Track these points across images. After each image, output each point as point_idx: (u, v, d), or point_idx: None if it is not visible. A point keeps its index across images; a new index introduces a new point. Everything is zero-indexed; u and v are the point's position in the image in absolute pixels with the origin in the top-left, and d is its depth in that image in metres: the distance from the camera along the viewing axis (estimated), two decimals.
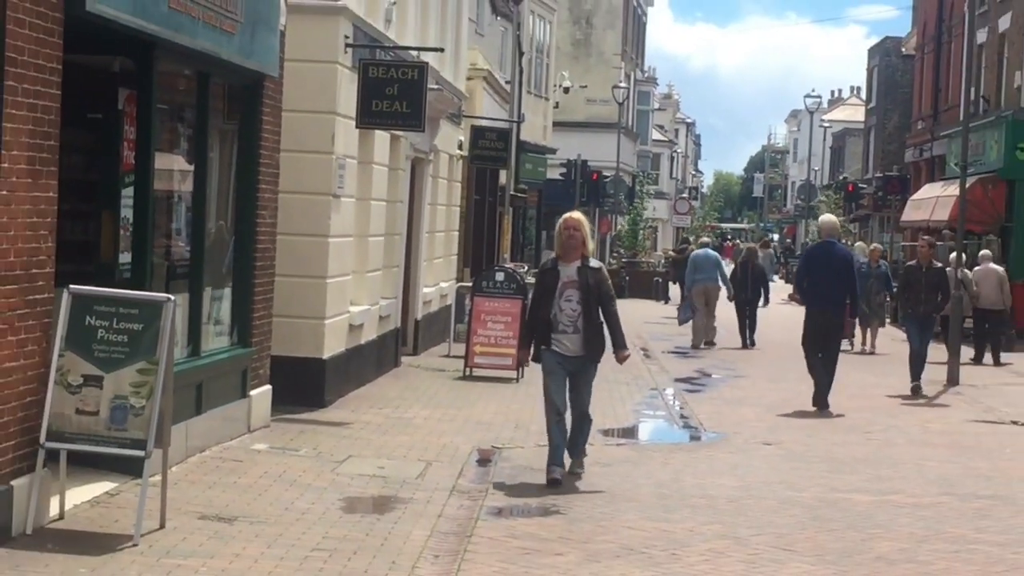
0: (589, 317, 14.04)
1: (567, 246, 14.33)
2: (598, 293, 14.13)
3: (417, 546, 10.93)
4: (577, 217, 14.71)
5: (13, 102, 10.01)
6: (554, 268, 14.51)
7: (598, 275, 14.40)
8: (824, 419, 19.88)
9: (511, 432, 17.41)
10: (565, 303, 14.05)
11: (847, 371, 27.51)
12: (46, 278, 10.84)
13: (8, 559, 9.71)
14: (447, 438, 16.53)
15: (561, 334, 14.13)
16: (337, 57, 18.57)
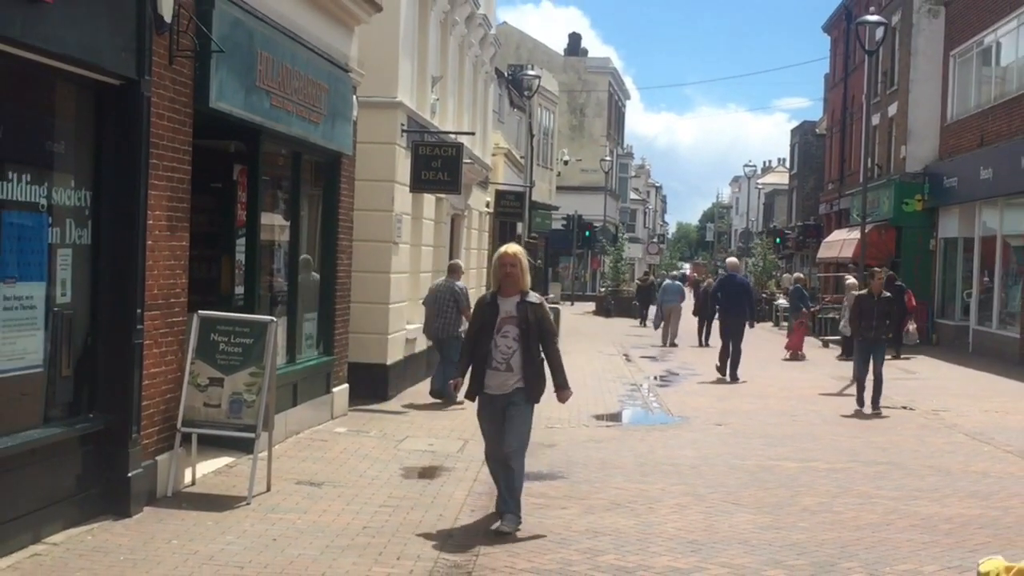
0: (528, 354, 10.12)
1: (505, 282, 10.42)
2: (538, 330, 10.22)
3: (458, 503, 10.99)
4: (514, 251, 10.59)
5: (156, 175, 10.08)
6: (493, 302, 10.44)
7: (538, 311, 10.33)
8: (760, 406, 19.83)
9: None
10: (502, 339, 10.17)
11: (780, 370, 27.56)
12: (181, 306, 10.91)
13: (155, 514, 9.82)
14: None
15: (493, 370, 10.19)
16: (395, 139, 18.61)
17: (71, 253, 9.36)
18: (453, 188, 20.88)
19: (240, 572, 8.24)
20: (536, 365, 10.20)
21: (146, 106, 9.78)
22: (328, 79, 14.61)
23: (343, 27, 15.71)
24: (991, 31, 33.27)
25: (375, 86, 17.64)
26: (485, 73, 30.38)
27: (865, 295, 19.86)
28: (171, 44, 10.21)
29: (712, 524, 10.58)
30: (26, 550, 8.43)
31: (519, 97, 39.85)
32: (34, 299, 8.85)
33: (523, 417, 10.21)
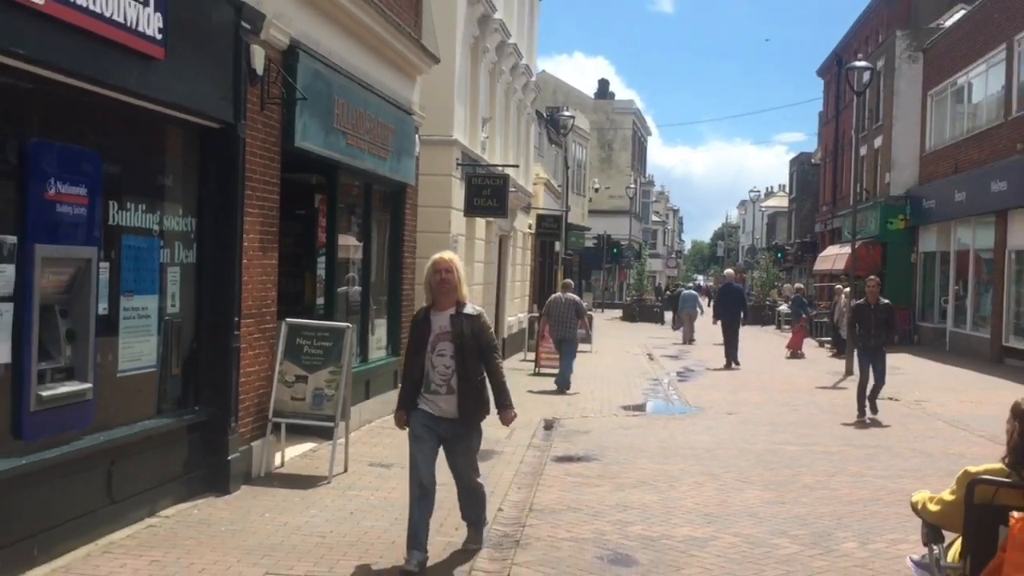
0: (465, 373, 7.88)
1: (439, 291, 8.02)
2: (476, 345, 7.95)
3: (507, 481, 10.97)
4: (448, 257, 8.26)
5: (249, 204, 10.16)
6: (425, 318, 8.10)
7: (476, 323, 8.03)
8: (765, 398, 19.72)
9: (565, 408, 17.36)
10: (438, 358, 7.90)
11: (782, 367, 27.39)
12: (271, 315, 10.98)
13: (250, 492, 9.86)
14: (524, 412, 16.33)
15: (434, 395, 7.92)
16: (451, 172, 18.69)
17: (179, 271, 9.45)
18: (501, 213, 20.94)
19: (323, 540, 8.28)
20: (475, 385, 7.85)
21: (242, 146, 9.88)
22: (395, 121, 14.70)
23: (407, 77, 15.81)
24: (963, 73, 33.18)
25: (434, 126, 17.74)
26: (527, 114, 30.45)
27: (862, 304, 17.64)
28: (262, 93, 10.31)
29: (725, 499, 10.53)
30: (143, 522, 8.52)
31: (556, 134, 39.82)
32: (149, 310, 8.94)
33: (469, 446, 8.06)
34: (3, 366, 6.97)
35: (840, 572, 8.00)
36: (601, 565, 8.05)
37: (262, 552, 7.86)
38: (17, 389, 7.08)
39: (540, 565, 7.96)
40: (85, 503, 7.80)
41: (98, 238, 7.91)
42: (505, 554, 8.18)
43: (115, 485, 8.19)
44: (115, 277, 8.33)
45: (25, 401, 7.12)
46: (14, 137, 7.14)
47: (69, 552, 7.52)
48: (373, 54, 13.91)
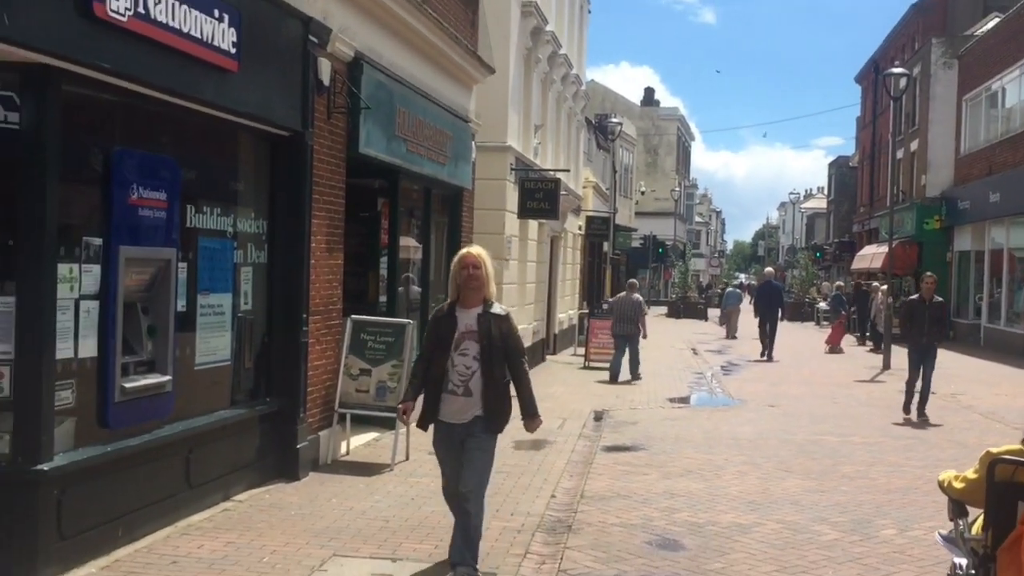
0: (490, 376, 7.05)
1: (466, 287, 7.19)
2: (503, 347, 7.13)
3: (559, 470, 10.94)
4: (477, 252, 7.36)
5: (317, 207, 10.23)
6: (451, 314, 7.24)
7: (504, 324, 7.20)
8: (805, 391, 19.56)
9: (614, 400, 17.33)
10: (460, 357, 7.09)
11: (822, 362, 27.15)
12: (337, 311, 11.05)
13: (317, 478, 9.93)
14: (575, 404, 16.51)
15: (449, 395, 7.10)
16: (506, 176, 18.71)
17: (251, 270, 9.53)
18: (552, 215, 20.93)
19: (386, 524, 8.32)
20: (499, 389, 7.01)
21: (310, 153, 9.95)
22: (452, 128, 14.74)
23: (464, 86, 15.84)
24: (997, 79, 32.73)
25: (489, 133, 17.76)
26: (577, 121, 30.39)
27: (916, 300, 16.35)
28: (329, 103, 10.37)
29: (768, 488, 10.46)
30: (218, 506, 8.61)
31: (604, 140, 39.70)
32: (223, 307, 9.02)
33: (482, 451, 7.04)
34: (90, 359, 7.07)
35: (880, 558, 7.92)
36: (650, 549, 8.03)
37: (329, 535, 7.92)
38: (103, 381, 7.18)
39: (591, 549, 7.96)
40: (165, 488, 7.89)
41: (177, 240, 8.00)
42: (558, 538, 8.19)
43: (193, 471, 8.29)
44: (192, 276, 8.42)
45: (110, 392, 7.22)
46: (99, 146, 7.25)
47: (151, 534, 7.63)
48: (432, 65, 13.95)
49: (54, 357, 6.62)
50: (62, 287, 6.72)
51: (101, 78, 6.82)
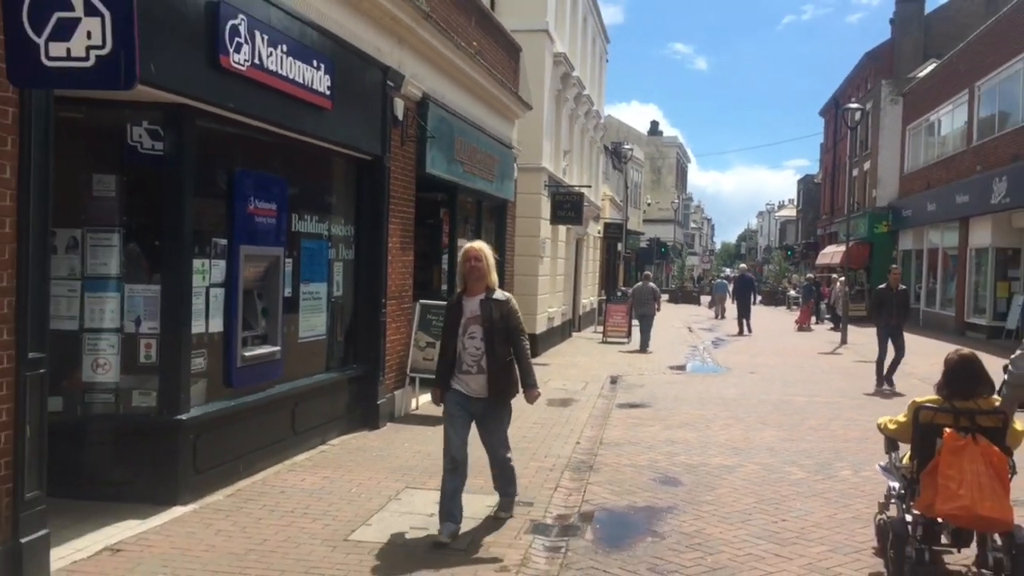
0: (494, 355, 6.45)
1: (470, 277, 6.62)
2: (505, 328, 6.51)
3: (582, 422, 10.92)
4: (479, 247, 6.76)
5: (393, 216, 10.27)
6: (458, 304, 6.68)
7: (504, 308, 6.58)
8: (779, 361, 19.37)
9: (626, 368, 17.26)
10: (469, 340, 6.50)
11: (792, 338, 26.86)
12: (409, 297, 11.09)
13: (393, 428, 9.98)
14: (595, 370, 16.47)
15: (465, 374, 6.50)
16: (541, 191, 18.67)
17: (342, 265, 9.58)
18: (577, 221, 20.86)
19: None
20: (504, 366, 6.35)
21: (387, 173, 9.99)
22: (498, 153, 14.73)
23: (508, 120, 15.83)
24: (935, 112, 32.21)
25: (528, 157, 17.73)
26: (597, 147, 30.25)
27: (884, 289, 15.49)
28: (402, 133, 10.40)
29: (748, 437, 10.38)
30: (316, 448, 8.69)
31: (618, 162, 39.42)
32: (320, 293, 9.08)
33: (498, 421, 6.59)
34: (217, 334, 7.16)
35: (838, 493, 7.85)
36: (655, 484, 8.00)
37: (403, 472, 7.96)
38: (227, 350, 7.26)
39: (608, 484, 7.95)
40: (275, 434, 7.98)
41: (284, 241, 8.07)
42: (582, 476, 8.18)
43: (297, 421, 8.37)
44: (296, 269, 8.48)
45: (233, 359, 7.30)
46: (224, 168, 7.32)
47: (264, 469, 7.71)
48: (482, 103, 13.95)
49: (190, 332, 6.71)
50: (196, 277, 6.80)
51: (226, 114, 6.88)
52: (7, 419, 4.79)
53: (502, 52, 15.38)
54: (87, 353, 6.53)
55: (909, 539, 5.37)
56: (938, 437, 5.29)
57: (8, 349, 4.77)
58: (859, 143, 41.62)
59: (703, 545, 6.24)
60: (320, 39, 8.09)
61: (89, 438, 6.50)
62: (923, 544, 5.37)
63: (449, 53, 11.57)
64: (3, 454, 4.78)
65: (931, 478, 5.25)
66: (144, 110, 6.45)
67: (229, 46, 6.52)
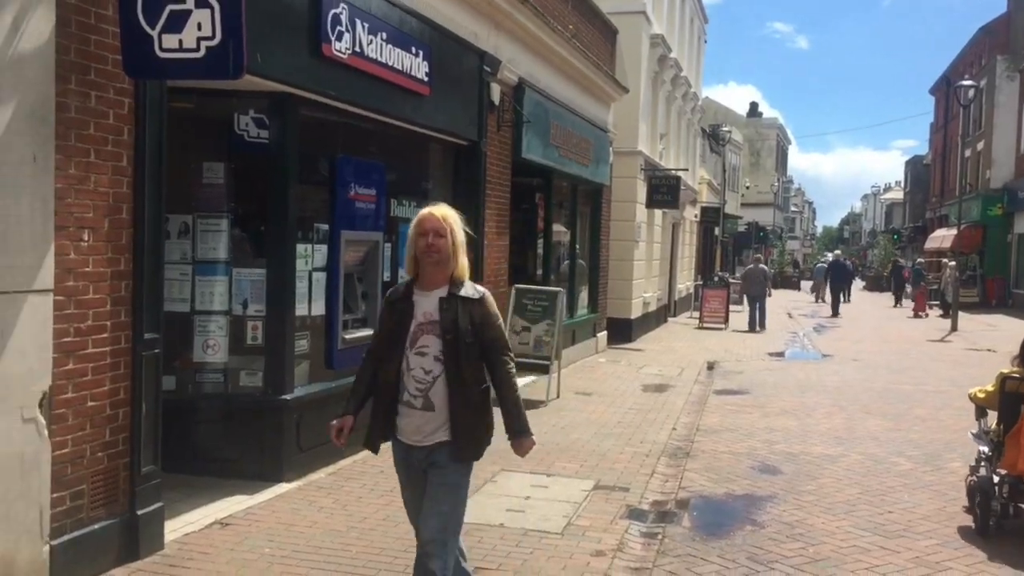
0: (457, 382, 3.71)
1: (426, 262, 3.77)
2: (476, 341, 3.76)
3: (678, 408, 10.82)
4: (440, 213, 3.81)
5: (489, 201, 10.33)
6: (406, 298, 3.82)
7: (478, 311, 3.78)
8: (884, 348, 18.76)
9: (723, 354, 17.00)
10: (416, 357, 3.73)
11: (897, 324, 26.01)
12: (504, 282, 11.14)
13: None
14: (691, 356, 16.29)
15: (406, 406, 3.79)
16: (636, 175, 18.49)
17: None
18: (674, 205, 20.60)
19: (542, 447, 8.32)
20: (471, 399, 3.85)
21: (483, 158, 10.05)
22: (594, 137, 14.65)
23: (603, 103, 15.72)
24: None
25: (623, 140, 17.57)
26: (694, 130, 29.78)
27: None
28: (498, 118, 10.45)
29: (851, 426, 10.11)
30: None
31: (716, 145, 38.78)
32: None
33: (449, 488, 3.86)
34: (320, 317, 7.33)
35: (948, 485, 7.58)
36: (754, 472, 7.88)
37: (498, 454, 7.85)
38: (329, 333, 7.43)
39: (706, 471, 7.86)
40: None
41: (383, 225, 8.20)
42: (678, 462, 8.11)
43: None
44: (395, 253, 8.56)
45: (335, 341, 7.47)
46: (326, 155, 7.49)
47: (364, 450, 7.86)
48: (578, 87, 13.88)
49: (294, 315, 6.89)
50: (299, 262, 6.97)
51: (327, 102, 7.02)
52: (125, 396, 5.02)
53: (598, 34, 15.26)
54: (198, 334, 6.79)
55: (995, 496, 6.08)
56: (1022, 404, 6.10)
57: (126, 330, 4.99)
58: (972, 122, 39.84)
59: (805, 535, 6.12)
60: (418, 26, 8.18)
61: (199, 416, 6.76)
62: (1008, 500, 6.07)
63: (545, 37, 11.54)
64: (121, 430, 5.02)
65: (1015, 440, 6.05)
66: (250, 99, 6.64)
67: (331, 35, 6.65)
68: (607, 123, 15.95)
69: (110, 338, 4.89)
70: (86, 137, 4.65)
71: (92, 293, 4.75)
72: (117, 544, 4.97)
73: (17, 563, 4.27)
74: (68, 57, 4.49)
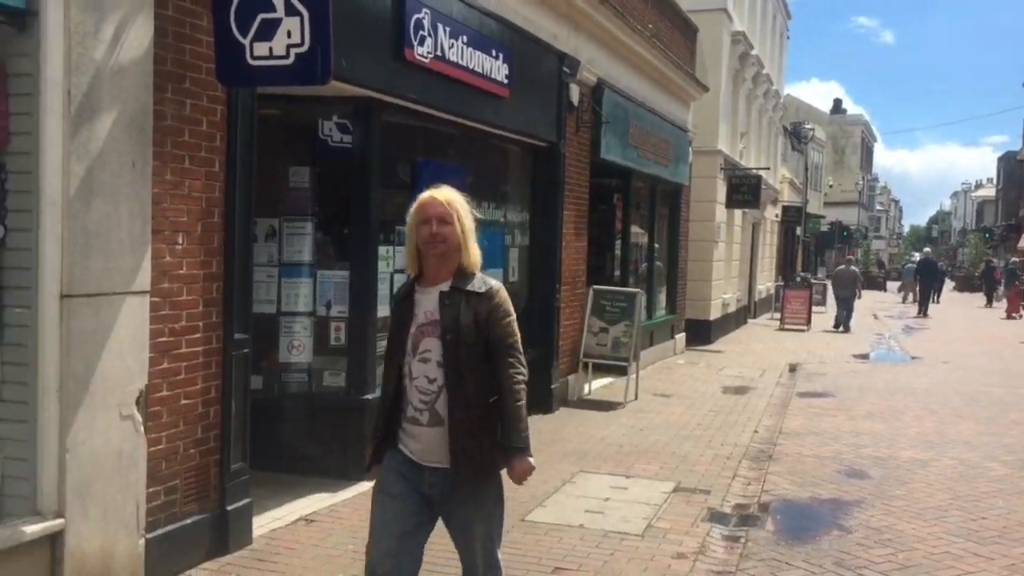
0: (458, 391, 3.13)
1: (428, 255, 3.23)
2: (481, 342, 3.17)
3: (760, 411, 10.66)
4: (444, 197, 3.22)
5: (567, 202, 10.32)
6: (408, 298, 3.30)
7: (484, 306, 3.20)
8: (975, 349, 18.14)
9: (806, 356, 16.66)
10: (419, 364, 3.19)
11: (989, 325, 25.12)
12: (582, 282, 11.11)
13: (566, 412, 10.08)
14: (772, 358, 16.02)
15: (411, 424, 3.22)
16: (716, 174, 18.27)
17: (517, 251, 9.74)
18: (754, 205, 20.27)
19: (620, 449, 8.35)
20: (474, 412, 3.24)
21: (562, 159, 10.05)
22: (673, 136, 14.52)
23: (683, 102, 15.57)
24: None
25: (703, 140, 17.37)
26: (775, 128, 29.26)
27: None
28: (577, 119, 10.44)
29: (942, 430, 9.82)
30: None
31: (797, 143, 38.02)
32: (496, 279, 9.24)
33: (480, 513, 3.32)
34: None
35: None
36: (840, 477, 7.71)
37: (576, 455, 8.04)
38: None
39: (789, 474, 7.73)
40: None
41: None
42: (761, 465, 7.99)
43: None
44: None
45: None
46: (406, 158, 7.59)
47: None
48: (658, 86, 13.78)
49: (376, 315, 6.98)
50: (381, 264, 7.07)
51: (409, 106, 7.11)
52: (215, 395, 5.18)
53: (678, 33, 15.13)
54: (283, 335, 6.96)
55: None
56: None
57: (217, 330, 5.16)
58: None
59: (894, 541, 5.97)
60: (499, 28, 8.24)
61: (285, 415, 6.92)
62: None
63: (625, 37, 11.50)
64: (212, 427, 5.18)
65: None
66: (334, 104, 6.78)
67: (414, 39, 6.75)
68: (687, 122, 15.80)
69: (202, 338, 5.05)
70: (181, 144, 4.82)
71: (186, 295, 4.92)
72: (208, 538, 5.13)
73: (115, 555, 4.45)
74: (165, 67, 4.66)
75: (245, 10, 4.59)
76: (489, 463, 3.32)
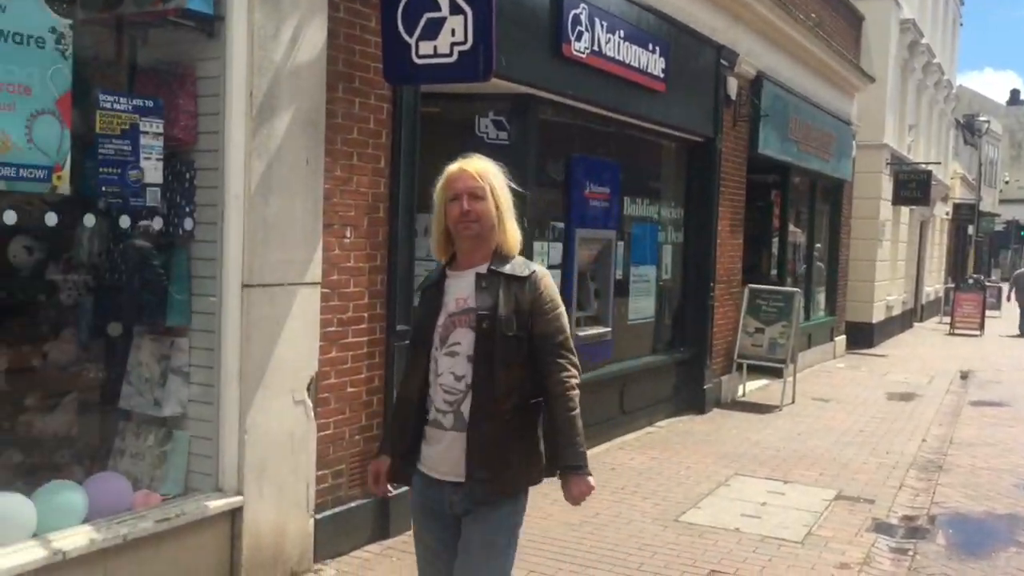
0: (488, 388, 2.58)
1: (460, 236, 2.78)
2: (522, 333, 2.63)
3: (928, 419, 10.17)
4: (475, 168, 2.81)
5: (723, 199, 10.14)
6: (438, 284, 2.82)
7: (525, 293, 2.66)
8: None
9: (979, 363, 15.76)
10: (446, 359, 2.67)
11: None
12: (737, 281, 10.92)
13: (720, 413, 9.93)
14: (942, 364, 15.21)
15: (433, 427, 2.70)
16: (882, 169, 17.53)
17: (670, 248, 9.67)
18: (924, 202, 19.37)
19: (777, 453, 8.17)
20: (503, 416, 2.68)
21: (718, 155, 9.90)
22: (835, 130, 14.03)
23: (846, 94, 15.01)
24: None
25: (868, 133, 16.72)
26: (946, 121, 27.77)
27: None
28: (734, 113, 10.25)
29: None
30: (642, 429, 8.85)
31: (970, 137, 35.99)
32: (648, 276, 9.22)
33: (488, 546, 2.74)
34: None
35: None
36: (1018, 491, 7.27)
37: (731, 458, 7.91)
38: None
39: (962, 487, 7.34)
40: (605, 413, 8.23)
41: (616, 224, 8.29)
42: (930, 476, 7.63)
43: (625, 401, 8.58)
44: (627, 252, 8.67)
45: None
46: (560, 153, 7.65)
47: (594, 447, 7.92)
48: (820, 78, 13.34)
49: None
50: (536, 259, 7.14)
51: (564, 102, 7.17)
52: (379, 384, 5.40)
53: (842, 22, 14.61)
54: None
55: None
56: None
57: (381, 321, 5.37)
58: None
59: None
60: (656, 22, 8.19)
61: None
62: None
63: (786, 27, 11.20)
64: (375, 415, 5.40)
65: None
66: (492, 101, 6.90)
67: (571, 35, 6.81)
68: (850, 115, 15.23)
69: (367, 328, 5.27)
70: (350, 141, 5.05)
71: (352, 286, 5.15)
72: (371, 523, 5.35)
73: (288, 532, 4.71)
74: (336, 67, 4.89)
75: (412, 9, 4.75)
76: (512, 482, 2.78)
